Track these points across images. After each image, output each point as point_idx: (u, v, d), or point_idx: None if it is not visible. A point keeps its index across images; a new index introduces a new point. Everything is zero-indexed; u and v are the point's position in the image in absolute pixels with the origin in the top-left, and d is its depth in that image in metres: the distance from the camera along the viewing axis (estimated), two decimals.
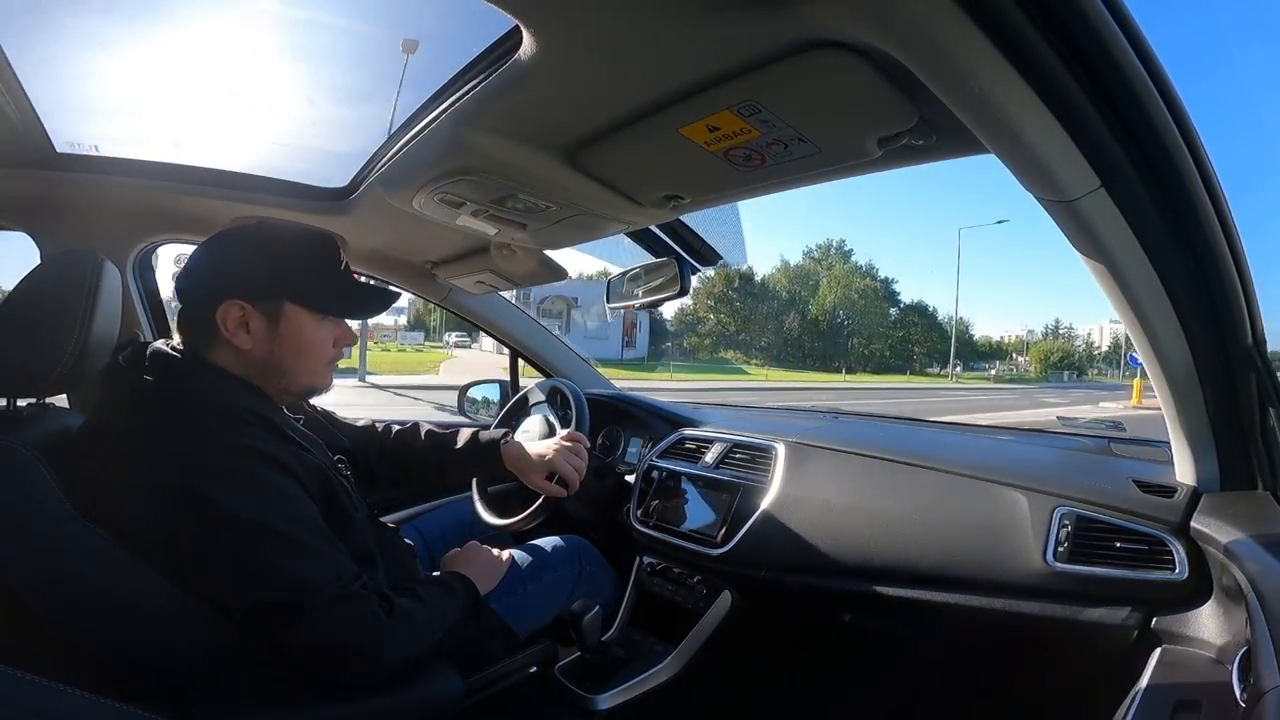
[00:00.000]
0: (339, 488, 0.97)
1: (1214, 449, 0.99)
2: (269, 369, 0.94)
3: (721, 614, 1.34)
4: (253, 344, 0.92)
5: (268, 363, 0.94)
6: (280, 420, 0.94)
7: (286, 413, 1.01)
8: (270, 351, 0.93)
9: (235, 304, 0.90)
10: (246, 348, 0.92)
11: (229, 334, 0.91)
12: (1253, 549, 0.81)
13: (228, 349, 0.92)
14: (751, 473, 1.42)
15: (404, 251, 1.67)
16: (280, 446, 0.89)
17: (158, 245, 1.57)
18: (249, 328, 0.91)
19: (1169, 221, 0.71)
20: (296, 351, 0.96)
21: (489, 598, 1.19)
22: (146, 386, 0.88)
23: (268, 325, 0.93)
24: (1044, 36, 0.51)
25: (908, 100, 0.69)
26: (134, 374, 0.89)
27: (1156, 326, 0.85)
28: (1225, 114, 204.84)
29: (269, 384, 0.96)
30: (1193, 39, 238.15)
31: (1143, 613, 0.97)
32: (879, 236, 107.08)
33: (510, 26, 0.72)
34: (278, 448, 0.88)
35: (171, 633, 0.82)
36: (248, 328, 0.91)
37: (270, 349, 0.93)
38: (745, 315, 43.85)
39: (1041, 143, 0.62)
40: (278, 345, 0.94)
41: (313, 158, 1.39)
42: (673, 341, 38.20)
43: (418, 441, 1.36)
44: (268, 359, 0.94)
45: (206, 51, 1.11)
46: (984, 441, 1.52)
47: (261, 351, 0.93)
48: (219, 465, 0.81)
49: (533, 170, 0.96)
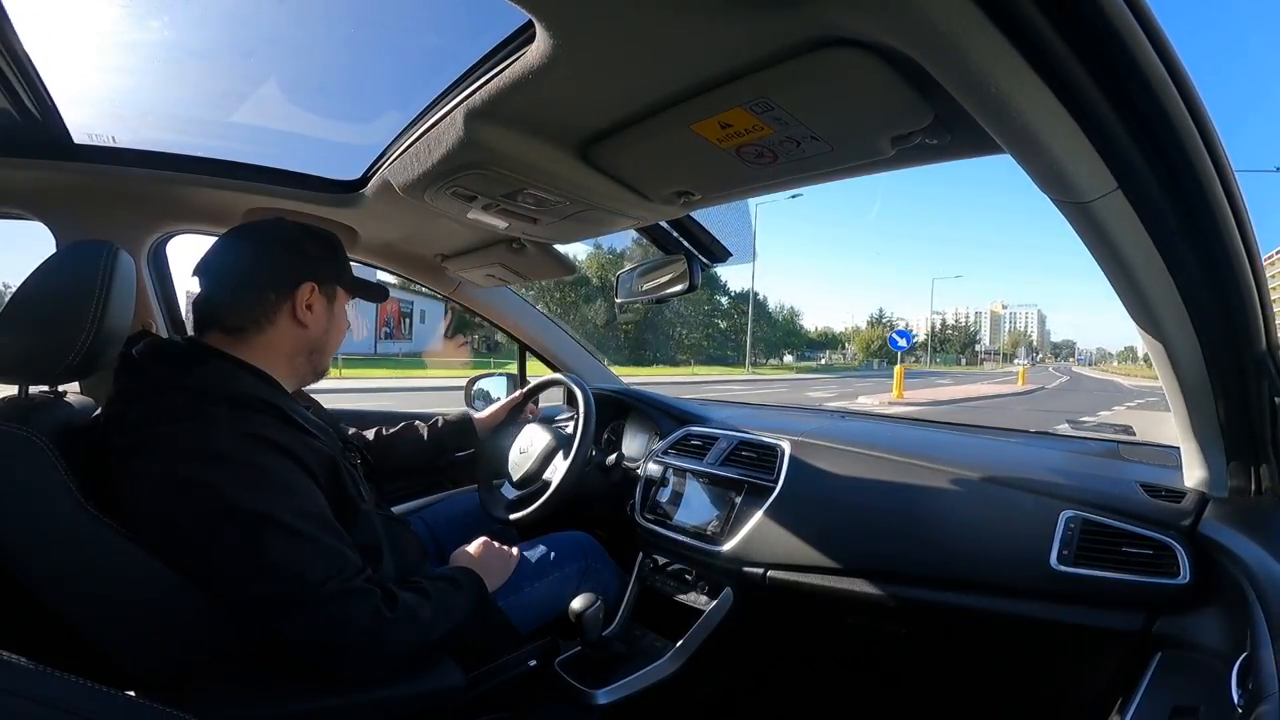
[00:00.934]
0: (347, 477, 0.98)
1: (1224, 455, 0.98)
2: (316, 348, 1.05)
3: (723, 612, 1.34)
4: (314, 323, 1.03)
5: (318, 342, 1.05)
6: (289, 408, 0.94)
7: (295, 401, 1.02)
8: (325, 330, 1.05)
9: (310, 285, 1.01)
10: (310, 326, 1.02)
11: (300, 314, 1.00)
12: (1259, 556, 0.80)
13: (286, 330, 1.00)
14: (756, 471, 1.42)
15: (414, 244, 1.67)
16: (289, 434, 0.90)
17: (172, 235, 1.58)
18: (312, 308, 1.02)
19: (1185, 225, 0.70)
20: (339, 331, 1.09)
21: (495, 595, 1.20)
22: (158, 376, 0.89)
23: (326, 305, 1.05)
24: (1063, 36, 0.51)
25: (923, 99, 0.68)
26: (146, 364, 0.91)
27: (1170, 330, 0.84)
28: (1245, 113, 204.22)
29: (307, 363, 1.05)
30: (1212, 36, 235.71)
31: (1145, 616, 0.97)
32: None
33: (524, 21, 0.72)
34: (287, 435, 0.89)
35: (174, 623, 0.82)
36: (311, 308, 1.02)
37: (325, 328, 1.06)
38: (566, 305, 39.00)
39: (1058, 144, 0.61)
40: (331, 324, 1.07)
41: (325, 150, 1.39)
42: (480, 334, 34.16)
43: (407, 433, 1.55)
44: (320, 338, 1.05)
45: (223, 43, 1.11)
46: (992, 444, 1.52)
47: (319, 330, 1.04)
48: (226, 452, 0.82)
49: (545, 165, 0.96)
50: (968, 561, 1.11)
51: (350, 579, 0.85)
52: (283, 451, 0.87)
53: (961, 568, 1.12)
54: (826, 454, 1.40)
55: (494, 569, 1.22)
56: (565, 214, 1.16)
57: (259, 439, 0.85)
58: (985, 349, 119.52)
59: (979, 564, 1.10)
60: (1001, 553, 1.09)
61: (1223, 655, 0.82)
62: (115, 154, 1.25)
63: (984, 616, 1.10)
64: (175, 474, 0.80)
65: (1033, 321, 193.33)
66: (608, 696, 1.26)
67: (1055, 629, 1.04)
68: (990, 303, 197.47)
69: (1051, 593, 1.03)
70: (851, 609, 1.24)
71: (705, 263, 1.43)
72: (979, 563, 1.10)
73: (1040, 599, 1.05)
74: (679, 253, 1.41)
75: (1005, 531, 1.11)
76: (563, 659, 1.31)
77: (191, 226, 1.54)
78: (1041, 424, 2.52)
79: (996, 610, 1.08)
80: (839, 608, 1.25)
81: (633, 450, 1.87)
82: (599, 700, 1.25)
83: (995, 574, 1.08)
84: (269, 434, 0.86)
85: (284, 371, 1.01)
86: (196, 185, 1.35)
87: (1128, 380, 34.90)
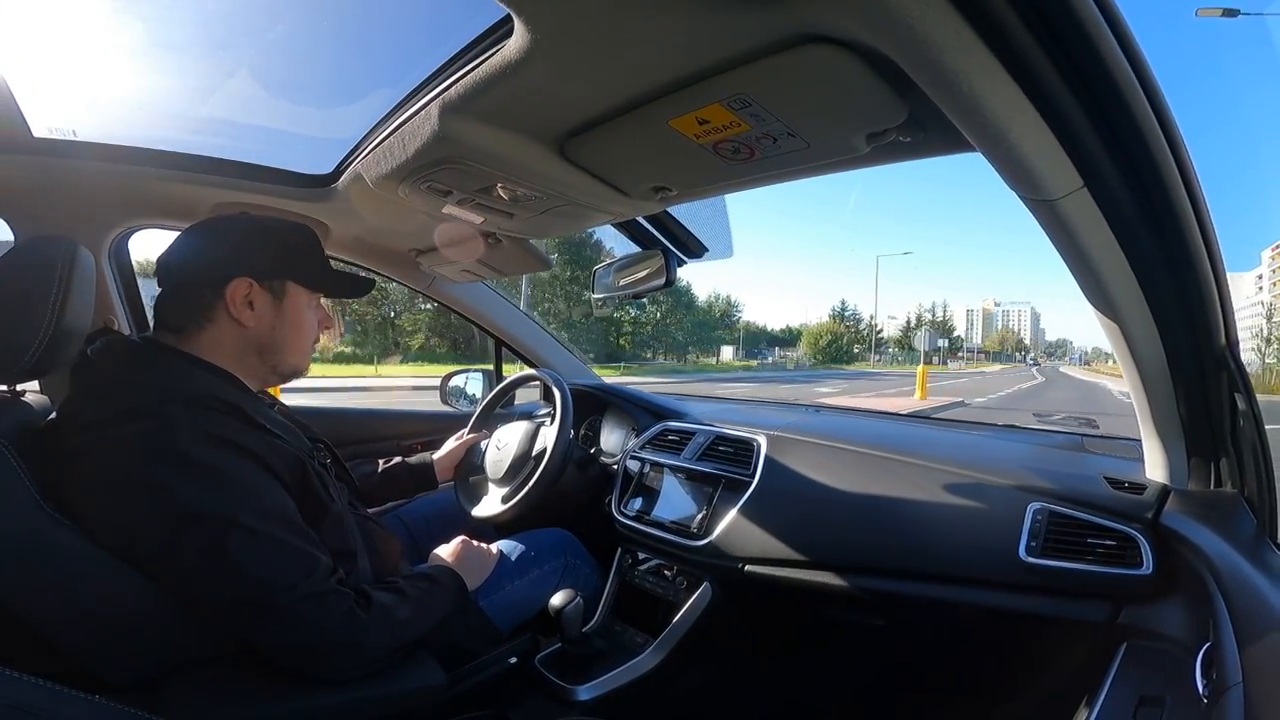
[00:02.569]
0: (315, 477, 0.96)
1: (1184, 448, 1.01)
2: (266, 346, 1.00)
3: (702, 606, 1.35)
4: (255, 321, 0.97)
5: (267, 340, 1.00)
6: (252, 408, 0.92)
7: (259, 401, 1.00)
8: (272, 328, 1.00)
9: (244, 281, 0.96)
10: (250, 325, 0.97)
11: (235, 311, 0.95)
12: (1218, 547, 0.83)
13: (225, 328, 0.96)
14: (733, 466, 1.43)
15: (387, 239, 1.65)
16: (251, 435, 0.88)
17: (135, 231, 1.54)
18: (253, 305, 0.97)
19: (1149, 223, 0.72)
20: (295, 329, 1.03)
21: (475, 594, 1.19)
22: (114, 375, 0.87)
23: (272, 302, 0.99)
24: (1036, 37, 0.52)
25: (897, 97, 0.69)
26: (102, 363, 0.88)
27: (1132, 326, 0.86)
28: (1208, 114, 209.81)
29: (261, 363, 1.00)
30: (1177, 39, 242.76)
31: (1111, 607, 0.99)
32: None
33: (502, 15, 0.71)
34: (249, 436, 0.87)
35: (141, 625, 0.80)
36: (252, 305, 0.97)
37: (273, 325, 1.00)
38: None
39: (1027, 142, 0.63)
40: (280, 322, 1.00)
41: (294, 144, 1.37)
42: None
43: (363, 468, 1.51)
44: (268, 336, 1.00)
45: (191, 35, 1.08)
46: (961, 437, 1.55)
47: (263, 328, 0.99)
48: (184, 454, 0.80)
49: (521, 159, 0.96)
50: (940, 554, 1.13)
51: (321, 581, 0.83)
52: (244, 453, 0.85)
53: (934, 560, 1.13)
54: (802, 448, 1.41)
55: (473, 568, 1.21)
56: (542, 209, 1.16)
57: (219, 440, 0.83)
58: (966, 347, 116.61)
59: (951, 556, 1.12)
60: (972, 545, 1.11)
61: (1186, 645, 0.84)
62: (75, 147, 1.21)
63: (957, 608, 1.12)
64: (132, 475, 0.78)
65: (1025, 320, 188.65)
66: (589, 692, 1.26)
67: (1026, 619, 1.06)
68: (982, 300, 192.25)
69: (1021, 584, 1.05)
70: (829, 602, 1.26)
71: (682, 258, 1.44)
72: (951, 555, 1.12)
73: (1010, 590, 1.07)
74: (656, 248, 1.41)
75: (975, 523, 1.13)
76: (543, 656, 1.31)
77: (154, 222, 1.50)
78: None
79: (969, 602, 1.10)
80: (817, 601, 1.27)
81: (610, 446, 1.87)
82: (580, 696, 1.25)
83: (967, 566, 1.10)
84: (229, 435, 0.84)
85: (239, 371, 0.98)
86: (160, 180, 1.31)
87: (1116, 384, 26.26)
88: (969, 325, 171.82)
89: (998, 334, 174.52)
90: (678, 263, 1.42)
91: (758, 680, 1.47)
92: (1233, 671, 0.60)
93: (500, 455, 1.49)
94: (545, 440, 1.46)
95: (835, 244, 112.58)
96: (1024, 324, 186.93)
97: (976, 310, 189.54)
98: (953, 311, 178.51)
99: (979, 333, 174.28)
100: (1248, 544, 0.81)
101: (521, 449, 1.47)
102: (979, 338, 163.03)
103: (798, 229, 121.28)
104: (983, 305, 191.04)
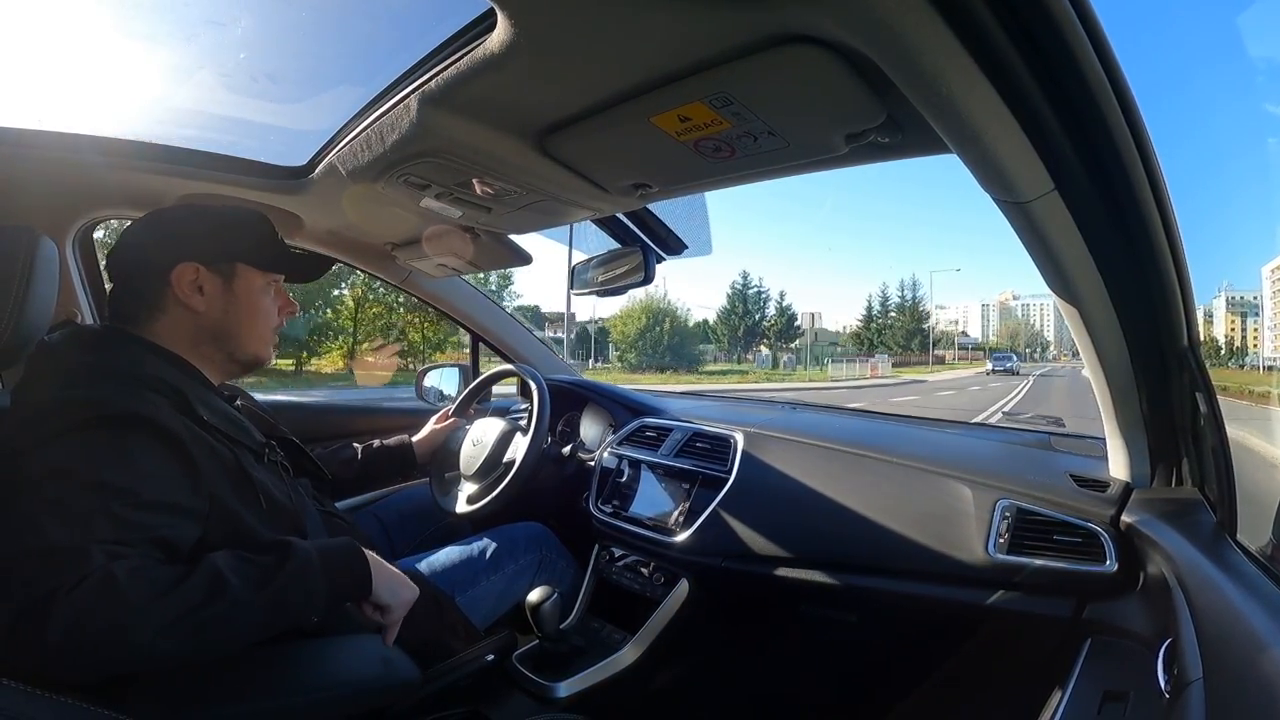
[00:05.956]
0: (259, 472, 0.92)
1: (1146, 446, 1.04)
2: (221, 333, 0.97)
3: (679, 602, 1.36)
4: (206, 306, 0.95)
5: (220, 325, 0.97)
6: (196, 396, 0.88)
7: (209, 391, 0.95)
8: (225, 313, 0.97)
9: (190, 266, 0.93)
10: (200, 310, 0.94)
11: (183, 296, 0.93)
12: (1178, 543, 0.85)
13: (177, 314, 0.93)
14: (710, 462, 1.44)
15: (363, 232, 1.63)
16: (177, 418, 0.82)
17: (100, 222, 1.50)
18: (203, 290, 0.95)
19: (1116, 226, 0.74)
20: (249, 313, 1.00)
21: (451, 589, 1.18)
22: (68, 360, 0.85)
23: (223, 286, 0.97)
24: (1013, 42, 0.53)
25: (876, 98, 0.70)
26: (59, 349, 0.86)
27: (1098, 327, 0.89)
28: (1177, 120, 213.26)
29: (217, 350, 0.98)
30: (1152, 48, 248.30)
31: (1075, 603, 1.01)
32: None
33: (485, 9, 0.70)
34: (173, 419, 0.81)
35: None
36: (201, 290, 0.94)
37: (225, 310, 0.97)
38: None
39: (1002, 144, 0.64)
40: (232, 306, 0.97)
41: (267, 135, 1.33)
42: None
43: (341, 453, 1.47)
44: (221, 320, 0.97)
45: (155, 22, 1.05)
46: (932, 434, 1.57)
47: (215, 313, 0.96)
48: (93, 412, 0.76)
49: (500, 154, 0.95)
50: (910, 550, 1.15)
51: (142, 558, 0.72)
52: (162, 436, 0.79)
53: (904, 556, 1.15)
54: (778, 445, 1.43)
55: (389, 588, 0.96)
56: (521, 204, 1.15)
57: (138, 417, 0.78)
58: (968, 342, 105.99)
59: (921, 552, 1.14)
60: (942, 540, 1.13)
61: (1149, 641, 0.85)
62: (38, 136, 1.17)
63: (928, 603, 1.14)
64: (21, 449, 0.74)
65: (1049, 315, 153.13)
66: (567, 689, 1.26)
67: (994, 614, 1.08)
68: (999, 293, 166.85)
69: (989, 579, 1.07)
70: (804, 597, 1.27)
71: (661, 255, 1.44)
72: (921, 550, 1.14)
73: (979, 585, 1.09)
74: (635, 245, 1.41)
75: (945, 519, 1.15)
76: (520, 653, 1.31)
77: (119, 212, 1.46)
78: None
79: (939, 597, 1.12)
80: (792, 596, 1.28)
81: (588, 442, 1.86)
82: (559, 693, 1.25)
83: (936, 561, 1.12)
84: (153, 414, 0.79)
85: (196, 361, 0.95)
86: (126, 170, 1.28)
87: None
88: (984, 320, 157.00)
89: (1005, 326, 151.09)
90: (656, 259, 1.42)
91: (735, 675, 1.48)
92: (1193, 667, 0.61)
93: (475, 452, 1.48)
94: (516, 451, 1.45)
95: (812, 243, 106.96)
96: (1047, 319, 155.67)
97: (992, 304, 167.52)
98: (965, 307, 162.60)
99: (994, 330, 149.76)
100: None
101: (494, 452, 1.47)
102: (993, 335, 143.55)
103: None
104: (999, 299, 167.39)
